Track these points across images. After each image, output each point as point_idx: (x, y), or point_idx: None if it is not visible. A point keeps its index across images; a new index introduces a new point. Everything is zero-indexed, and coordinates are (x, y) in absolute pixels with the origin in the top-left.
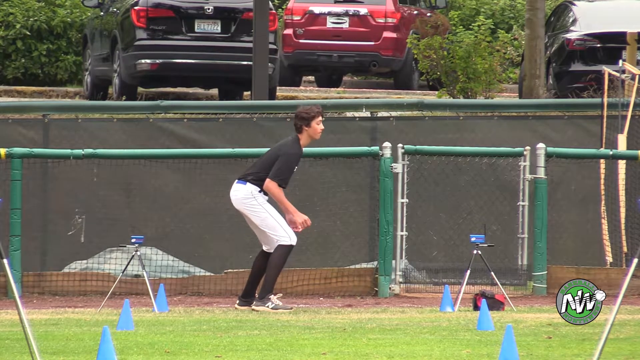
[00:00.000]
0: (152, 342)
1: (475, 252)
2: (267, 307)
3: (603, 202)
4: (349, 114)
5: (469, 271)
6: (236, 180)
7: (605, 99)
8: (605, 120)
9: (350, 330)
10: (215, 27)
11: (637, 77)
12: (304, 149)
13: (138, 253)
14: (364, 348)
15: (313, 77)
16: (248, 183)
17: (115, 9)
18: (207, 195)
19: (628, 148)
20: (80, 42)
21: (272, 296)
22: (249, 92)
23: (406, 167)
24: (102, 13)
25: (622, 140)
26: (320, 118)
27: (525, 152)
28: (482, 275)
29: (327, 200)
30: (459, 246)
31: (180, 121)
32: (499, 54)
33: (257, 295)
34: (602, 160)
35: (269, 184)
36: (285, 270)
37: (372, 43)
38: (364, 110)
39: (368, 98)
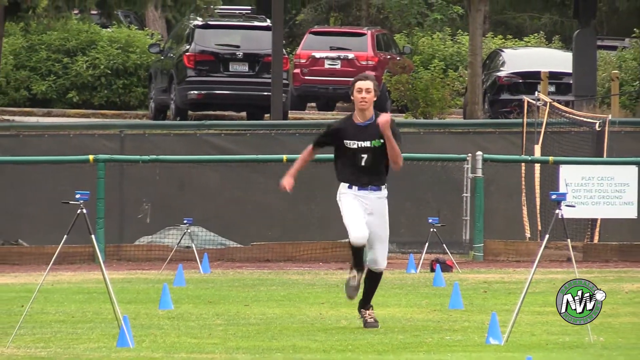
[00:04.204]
0: (198, 294)
1: (432, 230)
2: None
3: (523, 194)
4: None
5: (427, 244)
6: None
7: (525, 120)
8: (525, 135)
9: (342, 286)
10: (244, 68)
11: (548, 104)
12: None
13: (188, 231)
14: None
15: (315, 104)
16: None
17: (172, 55)
18: (238, 189)
19: (541, 155)
20: (147, 78)
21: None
22: (268, 114)
23: None
24: (162, 57)
25: (537, 149)
26: (357, 86)
27: (467, 158)
28: (437, 247)
29: (327, 191)
30: (419, 226)
31: (218, 135)
32: (449, 87)
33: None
34: (522, 164)
35: None
36: (295, 243)
37: None
38: None
39: None
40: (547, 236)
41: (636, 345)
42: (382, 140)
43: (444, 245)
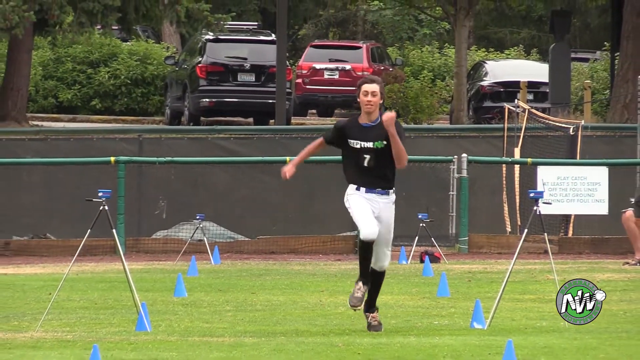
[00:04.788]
0: (210, 283)
1: (421, 225)
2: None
3: (504, 192)
4: None
5: (417, 237)
6: None
7: (506, 125)
8: (505, 138)
9: (340, 276)
10: (251, 78)
11: (526, 110)
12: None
13: (200, 225)
14: (348, 287)
15: (315, 110)
16: None
17: (185, 66)
18: (245, 188)
19: (521, 157)
20: (163, 87)
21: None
22: (273, 120)
23: None
24: (177, 68)
25: (517, 152)
26: (364, 89)
27: (453, 160)
28: (426, 240)
29: (326, 190)
30: (410, 221)
31: (228, 139)
32: (437, 95)
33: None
34: (503, 165)
35: None
36: (297, 237)
37: (353, 88)
38: None
39: None
40: (526, 230)
41: (607, 330)
42: (385, 142)
43: (432, 238)
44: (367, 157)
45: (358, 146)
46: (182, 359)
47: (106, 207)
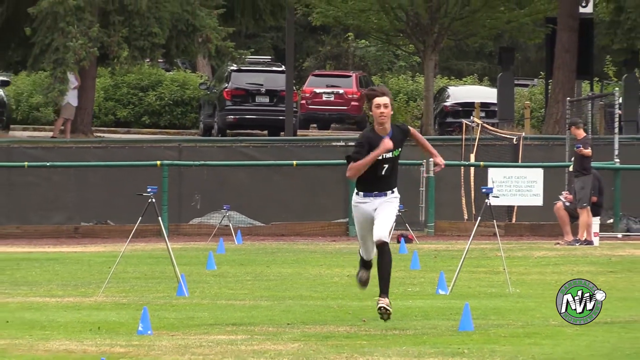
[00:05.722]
0: (234, 259)
1: (398, 213)
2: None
3: (462, 188)
4: (334, 143)
5: (394, 223)
6: None
7: (464, 136)
8: (464, 147)
9: (335, 253)
10: (266, 100)
11: (480, 125)
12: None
13: (227, 214)
14: (342, 262)
15: (315, 125)
16: None
17: (215, 90)
18: (261, 185)
19: (475, 161)
20: (198, 107)
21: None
22: (283, 132)
23: None
24: (208, 92)
25: (472, 157)
26: (376, 102)
27: (423, 163)
28: (402, 226)
29: (325, 189)
30: None
31: (248, 147)
32: (410, 113)
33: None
34: (462, 167)
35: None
36: (302, 223)
37: (345, 107)
38: (341, 141)
39: (343, 135)
40: (479, 218)
41: (542, 295)
42: (400, 149)
43: (407, 224)
44: (386, 166)
45: (380, 158)
46: (213, 318)
47: (153, 200)
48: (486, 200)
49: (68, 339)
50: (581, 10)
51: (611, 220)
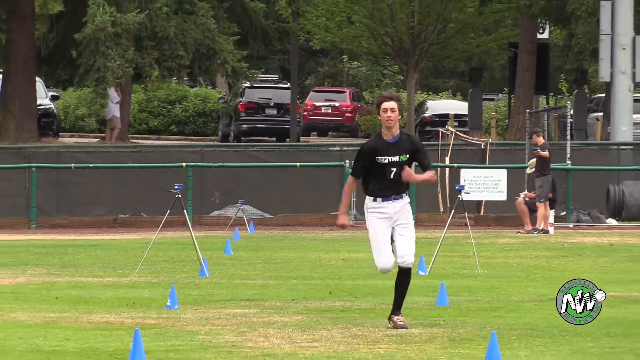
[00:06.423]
0: (248, 245)
1: None
2: None
3: (439, 186)
4: (331, 148)
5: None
6: None
7: (440, 142)
8: (440, 151)
9: (332, 241)
10: (274, 112)
11: (453, 133)
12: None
13: (241, 207)
14: (339, 248)
15: (315, 133)
16: None
17: (231, 104)
18: (271, 183)
19: (450, 163)
20: (217, 118)
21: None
22: (288, 139)
23: None
24: (226, 105)
25: (447, 160)
26: (383, 106)
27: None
28: None
29: (325, 188)
30: None
31: (259, 151)
32: None
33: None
34: (439, 168)
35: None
36: (304, 215)
37: (341, 118)
38: (337, 146)
39: (338, 141)
40: (453, 211)
41: (506, 275)
42: (407, 156)
43: None
44: (394, 170)
45: (386, 161)
46: (229, 294)
47: (179, 196)
48: (459, 196)
49: (108, 313)
50: (539, 36)
51: (564, 213)
